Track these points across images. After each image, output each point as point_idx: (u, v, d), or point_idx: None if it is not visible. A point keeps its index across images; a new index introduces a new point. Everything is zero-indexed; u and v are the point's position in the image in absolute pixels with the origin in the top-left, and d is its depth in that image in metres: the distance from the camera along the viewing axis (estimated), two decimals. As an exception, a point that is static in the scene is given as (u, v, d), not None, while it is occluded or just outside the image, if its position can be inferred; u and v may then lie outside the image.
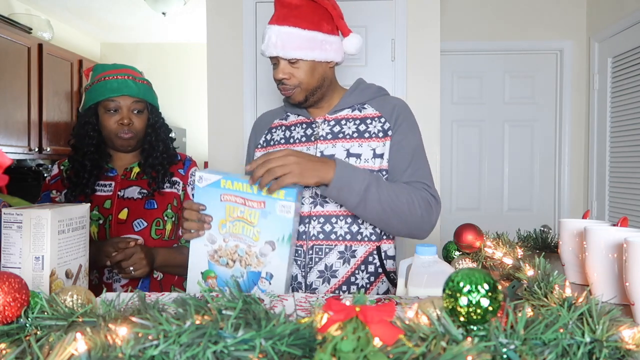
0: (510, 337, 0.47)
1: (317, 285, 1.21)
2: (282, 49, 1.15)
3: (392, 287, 1.27)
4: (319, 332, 0.47)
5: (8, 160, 0.60)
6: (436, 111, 2.51)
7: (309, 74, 1.19)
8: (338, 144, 1.24)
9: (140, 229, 1.43)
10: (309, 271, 1.21)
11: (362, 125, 1.25)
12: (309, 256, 1.21)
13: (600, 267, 0.86)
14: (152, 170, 1.47)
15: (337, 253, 1.21)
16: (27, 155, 3.44)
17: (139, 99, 1.43)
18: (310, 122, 1.29)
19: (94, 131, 1.43)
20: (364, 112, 1.27)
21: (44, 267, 0.85)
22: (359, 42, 1.24)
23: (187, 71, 5.03)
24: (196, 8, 3.90)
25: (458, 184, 3.37)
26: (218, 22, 2.54)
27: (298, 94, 1.21)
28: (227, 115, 2.54)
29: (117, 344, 0.47)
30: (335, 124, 1.26)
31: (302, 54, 1.16)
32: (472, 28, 3.23)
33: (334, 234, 1.21)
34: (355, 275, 1.22)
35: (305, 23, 1.17)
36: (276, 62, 1.19)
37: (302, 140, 1.28)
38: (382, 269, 1.24)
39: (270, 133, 1.34)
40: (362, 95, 1.29)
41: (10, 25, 3.23)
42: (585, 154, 3.21)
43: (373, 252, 1.24)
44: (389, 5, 2.49)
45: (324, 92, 1.26)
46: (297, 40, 1.16)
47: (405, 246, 2.52)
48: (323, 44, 1.19)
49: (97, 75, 1.43)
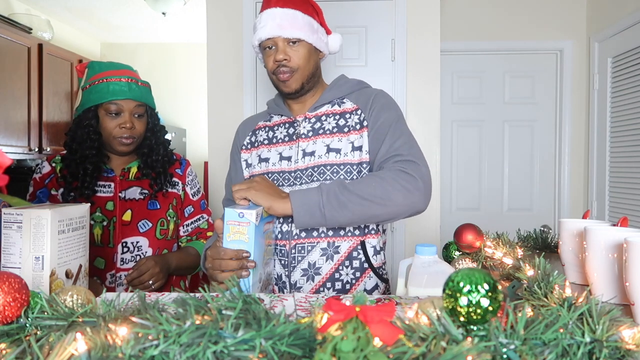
0: (510, 337, 0.47)
1: (302, 284, 1.21)
2: (287, 29, 1.18)
3: (380, 282, 1.26)
4: (319, 332, 0.47)
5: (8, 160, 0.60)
6: (436, 111, 2.51)
7: (307, 58, 1.21)
8: (318, 140, 1.23)
9: (145, 229, 1.43)
10: (293, 270, 1.21)
11: (341, 119, 1.25)
12: (291, 255, 1.21)
13: (600, 267, 0.86)
14: (152, 172, 1.47)
15: (320, 250, 1.21)
16: (27, 155, 3.44)
17: (141, 102, 1.42)
18: (292, 121, 1.29)
19: (95, 134, 1.40)
20: (343, 106, 1.27)
21: (44, 267, 0.85)
22: (340, 40, 1.31)
23: (187, 71, 5.03)
24: (196, 8, 3.90)
25: (458, 184, 3.37)
26: (218, 22, 2.54)
27: (295, 80, 1.21)
28: (227, 115, 2.54)
29: (117, 344, 0.47)
30: (316, 120, 1.26)
31: (305, 35, 1.19)
32: (472, 28, 3.23)
33: (316, 231, 1.21)
34: (339, 271, 1.21)
35: (304, 8, 1.21)
36: (273, 45, 1.20)
37: (285, 140, 1.27)
38: (367, 264, 1.23)
39: (255, 135, 1.34)
40: (341, 90, 1.29)
41: (10, 25, 3.23)
42: (585, 154, 3.21)
43: (357, 247, 1.22)
44: (389, 5, 2.49)
45: (315, 83, 1.28)
46: (300, 22, 1.19)
47: (406, 246, 2.52)
48: (318, 32, 1.23)
49: (96, 75, 1.41)
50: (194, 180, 1.58)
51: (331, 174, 1.20)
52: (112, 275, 1.39)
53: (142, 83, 1.44)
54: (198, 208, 1.57)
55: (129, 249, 1.41)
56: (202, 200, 1.59)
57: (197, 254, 1.50)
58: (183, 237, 1.55)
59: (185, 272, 1.50)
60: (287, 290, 1.21)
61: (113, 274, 1.39)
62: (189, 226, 1.55)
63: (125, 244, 1.41)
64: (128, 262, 1.41)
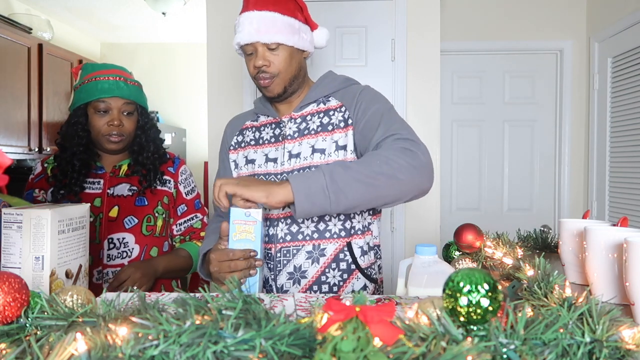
0: (510, 337, 0.47)
1: (288, 287, 1.19)
2: (265, 34, 1.12)
3: (369, 283, 1.23)
4: (319, 332, 0.47)
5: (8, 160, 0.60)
6: (436, 111, 2.51)
7: (288, 61, 1.17)
8: (304, 141, 1.21)
9: (130, 225, 1.43)
10: (279, 274, 1.19)
11: (325, 117, 1.22)
12: (277, 259, 1.19)
13: (600, 267, 0.86)
14: (142, 169, 1.47)
15: (305, 253, 1.19)
16: (27, 155, 3.44)
17: (129, 100, 1.43)
18: (278, 122, 1.26)
19: (83, 131, 1.42)
20: (327, 104, 1.24)
21: (44, 267, 0.85)
22: (327, 34, 1.26)
23: (187, 71, 5.03)
24: (196, 8, 3.90)
25: (458, 184, 3.37)
26: (218, 22, 2.54)
27: (277, 84, 1.18)
28: (227, 115, 2.52)
29: (117, 344, 0.47)
30: (301, 121, 1.24)
31: (284, 38, 1.14)
32: (472, 28, 3.23)
33: (301, 234, 1.19)
34: (325, 274, 1.19)
35: (284, 9, 1.15)
36: (253, 50, 1.16)
37: (271, 141, 1.26)
38: (355, 265, 1.21)
39: (242, 134, 1.32)
40: (327, 88, 1.26)
41: (10, 25, 3.22)
42: (585, 154, 3.21)
43: (344, 248, 1.20)
44: (389, 5, 2.49)
45: (300, 84, 1.24)
46: (279, 25, 1.13)
47: (406, 246, 2.52)
48: (300, 32, 1.18)
49: (87, 75, 1.42)
50: (187, 179, 1.58)
51: None
52: (99, 272, 1.40)
53: (131, 82, 1.45)
54: (192, 207, 1.57)
55: (115, 245, 1.41)
56: (196, 200, 1.58)
57: (189, 256, 1.49)
58: (177, 236, 1.55)
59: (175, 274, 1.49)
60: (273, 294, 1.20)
61: (100, 271, 1.40)
62: (181, 225, 1.55)
63: (111, 240, 1.41)
64: (115, 259, 1.41)
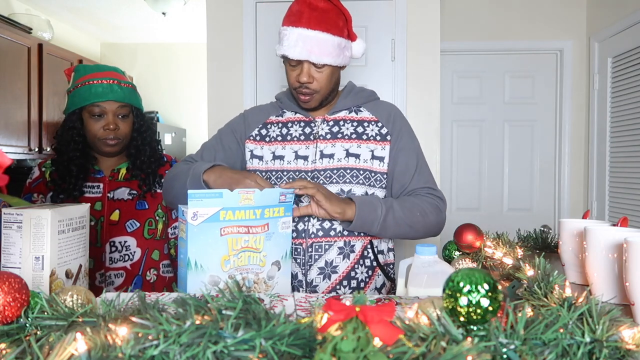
0: (510, 337, 0.47)
1: (318, 282, 1.22)
2: (316, 55, 1.15)
3: (387, 281, 1.30)
4: (319, 332, 0.47)
5: (8, 160, 0.60)
6: (436, 111, 2.51)
7: (329, 78, 1.21)
8: (337, 144, 1.25)
9: (133, 229, 1.43)
10: (309, 269, 1.22)
11: (359, 127, 1.28)
12: (308, 254, 1.22)
13: (600, 267, 0.86)
14: (141, 173, 1.47)
15: (337, 249, 1.23)
16: (27, 155, 3.43)
17: (124, 103, 1.42)
18: (309, 121, 1.29)
19: (79, 136, 1.41)
20: (360, 114, 1.30)
21: (44, 267, 0.85)
22: (364, 46, 1.28)
23: (187, 71, 5.02)
24: (196, 8, 3.90)
25: (458, 184, 3.37)
26: (218, 22, 2.54)
27: (316, 100, 1.23)
28: (227, 115, 2.52)
29: (117, 344, 0.47)
30: (334, 124, 1.28)
31: (332, 60, 1.17)
32: (472, 28, 3.23)
33: (333, 231, 1.23)
34: (355, 269, 1.24)
35: (335, 29, 1.17)
36: (297, 64, 1.18)
37: (300, 138, 1.28)
38: (376, 263, 1.27)
39: (265, 128, 1.32)
40: (357, 98, 1.32)
41: (10, 25, 3.22)
42: (585, 154, 3.21)
43: (367, 246, 1.26)
44: (389, 5, 2.49)
45: (333, 96, 1.28)
46: (329, 46, 1.16)
47: (406, 246, 2.52)
48: (344, 50, 1.21)
49: (80, 78, 1.41)
50: None
51: (350, 178, 1.23)
52: (102, 275, 1.40)
53: (125, 84, 1.44)
54: None
55: (117, 249, 1.42)
56: None
57: None
58: (172, 239, 1.54)
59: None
60: (302, 289, 1.22)
61: (102, 274, 1.40)
62: (176, 228, 1.54)
63: (113, 244, 1.41)
64: (117, 262, 1.41)
